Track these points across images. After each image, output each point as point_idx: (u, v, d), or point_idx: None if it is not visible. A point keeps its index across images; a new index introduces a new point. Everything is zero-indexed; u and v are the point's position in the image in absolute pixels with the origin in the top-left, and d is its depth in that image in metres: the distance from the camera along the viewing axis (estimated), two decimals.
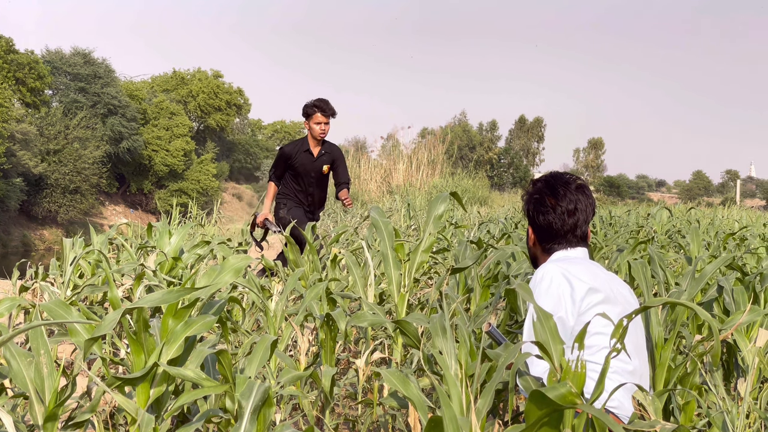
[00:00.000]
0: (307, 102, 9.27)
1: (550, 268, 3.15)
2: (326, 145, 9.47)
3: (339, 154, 9.70)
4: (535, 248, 3.49)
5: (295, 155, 9.36)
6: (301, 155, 9.35)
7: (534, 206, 3.40)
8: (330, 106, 9.24)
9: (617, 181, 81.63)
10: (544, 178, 3.46)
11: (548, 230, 3.37)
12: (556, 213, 3.32)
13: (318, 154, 9.39)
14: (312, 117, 9.20)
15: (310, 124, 9.25)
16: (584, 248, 3.38)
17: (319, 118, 9.15)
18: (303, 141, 9.45)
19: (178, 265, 5.53)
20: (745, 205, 48.51)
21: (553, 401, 2.12)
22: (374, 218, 4.63)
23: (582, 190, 3.36)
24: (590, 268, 3.21)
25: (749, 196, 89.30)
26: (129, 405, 2.59)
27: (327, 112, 9.19)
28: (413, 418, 3.27)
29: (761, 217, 23.04)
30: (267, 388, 2.56)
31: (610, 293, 3.12)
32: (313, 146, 9.36)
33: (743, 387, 3.24)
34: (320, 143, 9.39)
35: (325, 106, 9.18)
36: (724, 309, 4.23)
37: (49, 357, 2.58)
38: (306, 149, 9.35)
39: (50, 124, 39.73)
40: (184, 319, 2.69)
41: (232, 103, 59.72)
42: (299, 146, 9.41)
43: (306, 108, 9.25)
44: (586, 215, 3.35)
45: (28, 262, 6.75)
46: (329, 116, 9.23)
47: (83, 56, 45.55)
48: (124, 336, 4.92)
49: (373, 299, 4.76)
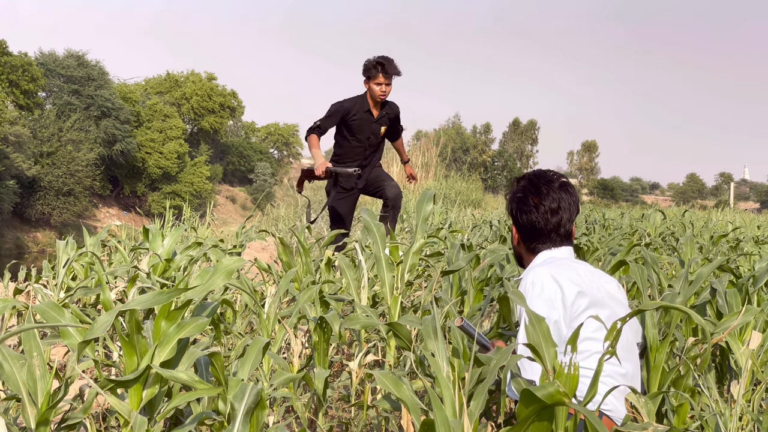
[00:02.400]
0: (368, 59, 8.42)
1: (541, 272, 3.14)
2: (387, 106, 8.72)
3: (396, 113, 8.90)
4: (519, 247, 3.49)
5: (353, 113, 8.55)
6: (361, 115, 8.56)
7: (517, 205, 3.40)
8: (393, 65, 8.38)
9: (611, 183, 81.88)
10: (527, 176, 3.44)
11: (531, 229, 3.36)
12: (539, 212, 3.31)
13: (378, 116, 8.65)
14: (373, 77, 8.36)
15: (370, 84, 8.41)
16: (569, 247, 3.37)
17: (380, 79, 8.31)
18: (362, 100, 8.58)
19: (171, 267, 5.52)
20: (739, 208, 48.55)
21: (541, 399, 2.12)
22: (366, 220, 4.63)
23: (565, 188, 3.35)
24: (577, 269, 3.21)
25: (743, 198, 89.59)
26: (122, 407, 2.59)
27: (390, 72, 8.32)
28: (406, 420, 3.26)
29: (755, 219, 23.07)
30: (260, 390, 2.56)
31: (597, 295, 3.12)
32: (372, 107, 8.57)
33: (736, 389, 3.24)
34: (380, 104, 8.61)
35: (389, 65, 8.32)
36: (718, 311, 4.24)
37: (41, 359, 2.57)
38: (366, 109, 8.55)
39: (44, 126, 39.76)
40: (176, 321, 2.68)
41: (225, 106, 59.86)
42: (359, 104, 8.56)
43: (366, 66, 8.41)
44: (569, 213, 3.34)
45: (21, 264, 6.75)
46: (392, 76, 8.39)
47: (77, 58, 45.62)
48: (116, 338, 4.91)
49: (366, 302, 4.76)
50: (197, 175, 51.67)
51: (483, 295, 4.85)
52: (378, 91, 8.34)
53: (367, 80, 8.41)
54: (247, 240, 8.79)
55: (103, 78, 46.15)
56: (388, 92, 8.43)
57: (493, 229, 12.32)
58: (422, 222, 4.73)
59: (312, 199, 21.25)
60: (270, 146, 73.16)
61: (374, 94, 8.39)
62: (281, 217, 21.60)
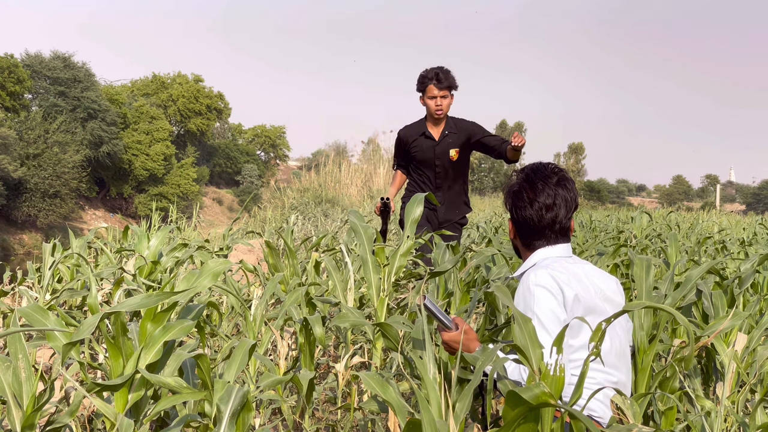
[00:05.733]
0: (422, 71, 7.44)
1: (542, 275, 3.10)
2: (450, 124, 7.56)
3: (472, 128, 7.59)
4: (516, 241, 3.46)
5: (412, 141, 7.62)
6: (419, 140, 7.58)
7: (513, 200, 3.36)
8: (449, 75, 7.35)
9: (598, 185, 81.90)
10: (525, 170, 3.39)
11: (526, 225, 3.33)
12: (533, 208, 3.27)
13: (440, 136, 7.54)
14: (426, 90, 7.38)
15: (425, 100, 7.43)
16: (565, 244, 3.34)
17: (433, 91, 7.31)
18: (420, 122, 7.63)
19: (157, 269, 5.51)
20: (725, 210, 48.73)
21: (527, 401, 2.13)
22: (353, 222, 4.62)
23: (562, 184, 3.29)
24: (574, 272, 3.18)
25: (729, 200, 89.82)
26: (108, 410, 2.58)
27: (443, 83, 7.31)
28: (393, 422, 3.27)
29: (740, 221, 23.16)
30: (246, 393, 2.56)
31: (592, 302, 3.09)
32: (431, 127, 7.56)
33: (721, 391, 3.25)
34: (442, 122, 7.53)
35: (442, 75, 7.31)
36: (703, 313, 4.25)
37: (27, 362, 2.57)
38: (422, 132, 7.58)
39: (30, 128, 39.64)
40: (162, 323, 2.68)
41: (212, 108, 59.77)
42: (416, 129, 7.62)
43: (419, 79, 7.44)
44: (566, 210, 3.29)
45: (6, 267, 6.73)
46: (448, 88, 7.36)
47: (63, 60, 45.46)
48: (102, 340, 4.90)
49: (353, 303, 4.76)
50: (184, 177, 51.59)
51: (469, 297, 4.85)
52: (433, 106, 7.36)
53: (422, 96, 7.46)
54: (234, 242, 8.77)
55: (89, 80, 46.02)
56: (446, 107, 7.42)
57: (480, 231, 12.34)
58: (411, 224, 4.73)
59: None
60: (257, 148, 73.04)
61: (430, 110, 7.42)
62: (268, 219, 21.61)
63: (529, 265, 3.30)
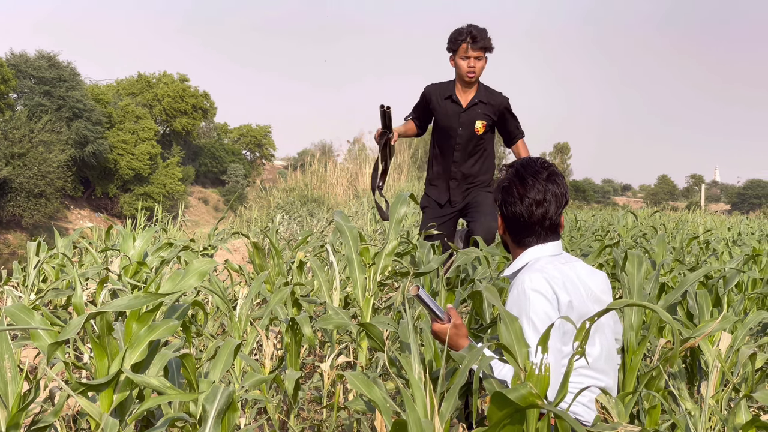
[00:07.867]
0: (455, 29, 6.65)
1: (537, 279, 3.08)
2: (482, 92, 6.79)
3: (505, 104, 6.85)
4: (505, 236, 3.44)
5: (436, 101, 6.82)
6: (444, 104, 6.79)
7: (502, 196, 3.34)
8: (486, 35, 6.58)
9: (583, 185, 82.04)
10: (515, 166, 3.35)
11: (516, 221, 3.30)
12: (524, 204, 3.24)
13: (469, 103, 6.76)
14: (457, 50, 6.62)
15: (456, 59, 6.66)
16: (556, 242, 3.32)
17: (467, 51, 6.55)
18: (449, 83, 6.82)
19: (142, 269, 5.50)
20: (710, 210, 48.85)
21: (514, 402, 2.13)
22: (338, 222, 4.62)
23: (553, 179, 3.25)
24: (567, 274, 3.18)
25: (714, 200, 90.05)
26: (93, 410, 2.58)
27: (478, 42, 6.53)
28: (379, 422, 3.26)
29: (725, 221, 23.22)
30: (231, 392, 2.56)
31: (584, 306, 3.09)
32: (460, 91, 6.77)
33: (705, 389, 3.26)
34: (473, 87, 6.76)
35: (478, 33, 6.52)
36: (688, 312, 4.26)
37: (12, 361, 2.56)
38: (449, 95, 6.77)
39: (15, 127, 39.51)
40: (147, 323, 2.68)
41: (197, 107, 59.72)
42: (443, 89, 6.81)
43: (450, 37, 6.66)
44: (556, 206, 3.25)
45: None
46: (482, 49, 6.60)
47: (48, 59, 45.33)
48: (87, 340, 4.89)
49: (338, 303, 4.76)
50: (169, 176, 51.54)
51: (454, 297, 4.86)
52: (465, 68, 6.59)
53: (453, 55, 6.70)
54: (219, 243, 8.75)
55: (74, 79, 45.92)
56: (479, 70, 6.66)
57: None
58: (396, 224, 4.73)
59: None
60: (242, 148, 72.94)
61: (461, 72, 6.64)
62: (254, 218, 21.57)
63: (520, 265, 3.28)
